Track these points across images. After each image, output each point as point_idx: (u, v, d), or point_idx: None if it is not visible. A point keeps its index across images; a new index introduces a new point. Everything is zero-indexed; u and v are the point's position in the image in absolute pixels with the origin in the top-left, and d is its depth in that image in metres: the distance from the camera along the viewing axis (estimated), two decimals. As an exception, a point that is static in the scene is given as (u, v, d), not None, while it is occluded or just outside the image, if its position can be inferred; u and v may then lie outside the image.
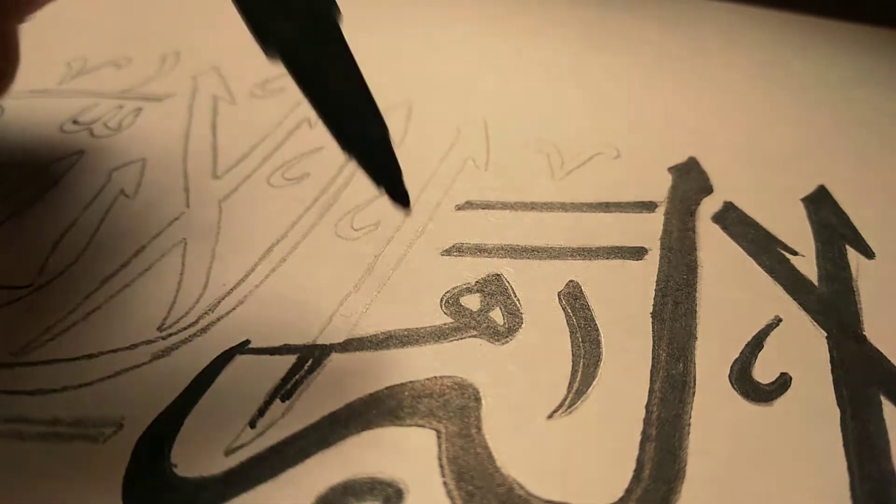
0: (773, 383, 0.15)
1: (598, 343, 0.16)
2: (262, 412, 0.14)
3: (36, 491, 0.13)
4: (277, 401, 0.14)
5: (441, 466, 0.13)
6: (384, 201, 0.20)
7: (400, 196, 0.15)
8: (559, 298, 0.17)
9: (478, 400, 0.15)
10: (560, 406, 0.15)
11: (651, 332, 0.16)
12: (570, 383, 0.15)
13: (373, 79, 0.26)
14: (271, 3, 0.14)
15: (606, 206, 0.20)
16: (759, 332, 0.16)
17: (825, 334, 0.16)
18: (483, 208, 0.20)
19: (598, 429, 0.14)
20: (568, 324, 0.16)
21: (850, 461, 0.14)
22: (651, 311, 0.17)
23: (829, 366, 0.16)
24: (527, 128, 0.23)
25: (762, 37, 0.30)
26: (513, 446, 0.14)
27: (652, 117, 0.24)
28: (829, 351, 0.16)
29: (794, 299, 0.17)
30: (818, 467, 0.14)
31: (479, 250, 0.18)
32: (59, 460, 0.13)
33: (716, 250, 0.19)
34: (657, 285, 0.17)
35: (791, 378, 0.15)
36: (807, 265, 0.18)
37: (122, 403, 0.14)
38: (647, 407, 0.15)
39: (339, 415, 0.14)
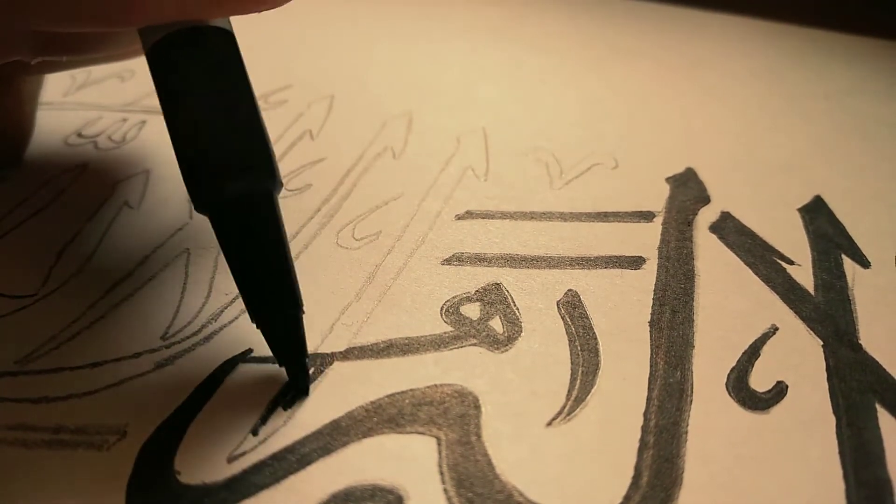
0: (769, 391, 0.15)
1: (596, 351, 0.16)
2: (264, 420, 0.14)
3: (40, 498, 0.13)
4: (279, 409, 0.15)
5: (441, 473, 0.14)
6: (385, 211, 0.20)
7: (300, 380, 0.15)
8: (558, 307, 0.17)
9: (477, 407, 0.15)
10: (559, 414, 0.15)
11: (649, 340, 0.16)
12: (568, 391, 0.15)
13: (374, 89, 0.27)
14: (213, 161, 0.13)
15: (605, 216, 0.20)
16: (755, 340, 0.16)
17: (821, 343, 0.17)
18: (483, 218, 0.20)
19: (596, 436, 0.14)
20: (567, 332, 0.17)
21: (846, 468, 0.14)
22: (649, 319, 0.17)
23: (824, 374, 0.16)
24: (526, 138, 0.24)
25: (758, 48, 0.30)
26: (512, 453, 0.14)
27: (649, 128, 0.24)
28: (825, 359, 0.16)
29: (791, 308, 0.17)
30: (814, 474, 0.14)
31: (479, 259, 0.19)
32: (63, 468, 0.14)
33: (713, 260, 0.19)
34: (655, 294, 0.18)
35: (787, 386, 0.15)
36: (803, 274, 0.18)
37: (126, 411, 0.14)
38: (645, 414, 0.15)
39: (340, 422, 0.14)
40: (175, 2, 0.13)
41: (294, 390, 0.15)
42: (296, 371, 0.15)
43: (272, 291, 0.14)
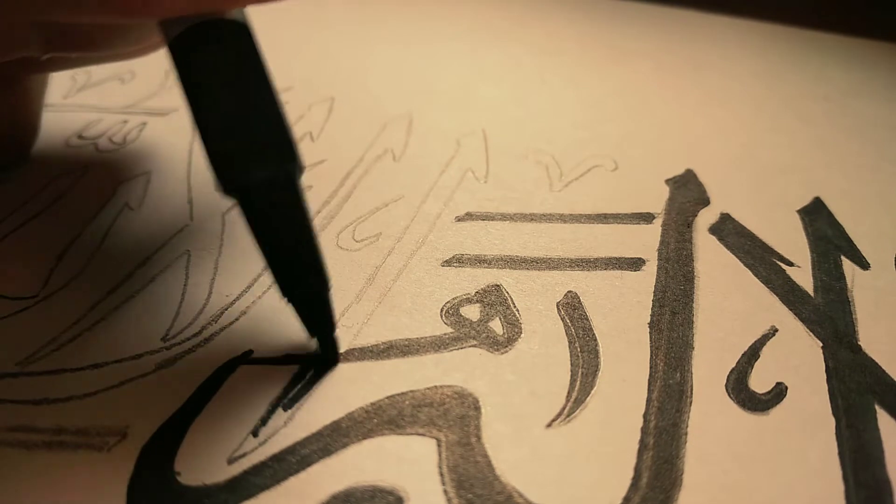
0: (768, 392, 0.15)
1: (596, 353, 0.16)
2: (264, 421, 0.14)
3: (41, 499, 0.13)
4: (279, 410, 0.15)
5: (441, 475, 0.14)
6: (386, 213, 0.20)
7: (330, 352, 0.16)
8: (558, 309, 0.17)
9: (477, 409, 0.15)
10: (559, 415, 0.15)
11: (648, 342, 0.16)
12: (568, 392, 0.15)
13: (374, 91, 0.27)
14: (238, 149, 0.14)
15: (604, 218, 0.20)
16: (755, 342, 0.17)
17: (820, 344, 0.17)
18: (483, 219, 0.20)
19: (596, 437, 0.14)
20: (566, 334, 0.17)
21: (845, 469, 0.14)
22: (648, 321, 0.17)
23: (824, 375, 0.16)
24: (526, 140, 0.24)
25: (758, 50, 0.30)
26: (512, 454, 0.14)
27: (649, 129, 0.25)
28: (825, 360, 0.16)
29: (790, 309, 0.17)
30: (813, 475, 0.14)
31: (479, 261, 0.19)
32: (64, 469, 0.14)
33: (712, 261, 0.19)
34: (654, 296, 0.18)
35: (787, 387, 0.16)
36: (802, 276, 0.18)
37: (127, 412, 0.15)
38: (644, 416, 0.15)
39: (340, 423, 0.14)
40: None
41: (324, 361, 0.16)
42: (325, 343, 0.15)
43: (301, 270, 0.15)
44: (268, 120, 0.14)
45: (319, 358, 0.16)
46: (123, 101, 0.25)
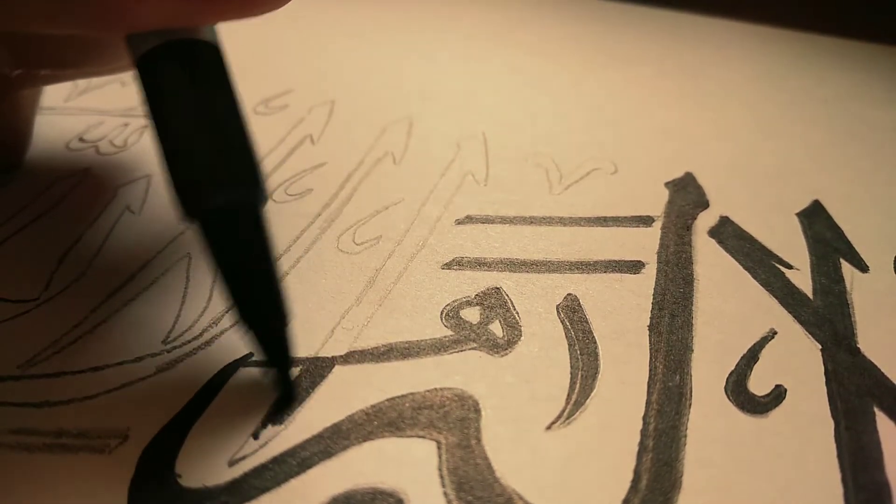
0: (768, 395, 0.15)
1: (595, 355, 0.16)
2: (265, 423, 0.14)
3: (42, 502, 0.13)
4: (280, 412, 0.15)
5: (441, 477, 0.14)
6: (386, 215, 0.20)
7: (283, 388, 0.15)
8: (558, 311, 0.17)
9: (477, 411, 0.15)
10: (558, 417, 0.15)
11: (648, 344, 0.17)
12: (568, 395, 0.15)
13: (374, 94, 0.27)
14: (200, 173, 0.14)
15: (604, 221, 0.20)
16: (754, 344, 0.17)
17: (819, 347, 0.17)
18: (483, 222, 0.20)
19: (595, 440, 0.14)
20: (566, 336, 0.17)
21: (844, 472, 0.14)
22: (648, 324, 0.17)
23: (823, 378, 0.16)
24: (525, 143, 0.24)
25: (757, 53, 0.30)
26: (512, 457, 0.14)
27: (649, 133, 0.25)
28: (824, 363, 0.16)
29: (789, 312, 0.17)
30: (812, 478, 0.14)
31: (479, 264, 0.19)
32: (65, 471, 0.14)
33: (712, 264, 0.19)
34: (654, 299, 0.18)
35: (786, 390, 0.16)
36: (802, 279, 0.18)
37: (128, 415, 0.15)
38: (644, 418, 0.15)
39: (341, 426, 0.14)
40: (167, 7, 0.13)
41: (279, 397, 0.15)
42: (279, 378, 0.15)
43: (258, 303, 0.14)
44: (233, 145, 0.14)
45: (275, 400, 0.15)
46: (124, 104, 0.25)
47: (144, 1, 0.13)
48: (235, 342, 0.16)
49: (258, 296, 0.14)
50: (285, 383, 0.15)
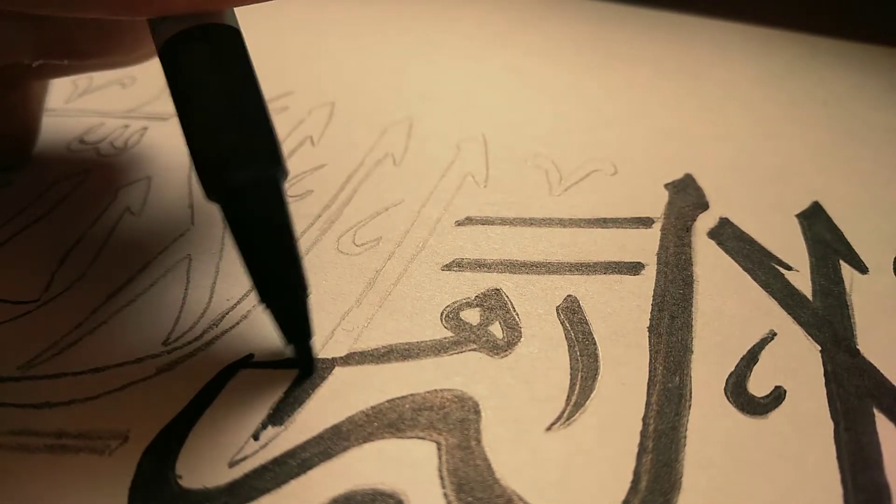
0: (767, 396, 0.15)
1: (595, 356, 0.16)
2: (265, 424, 0.14)
3: (43, 503, 0.13)
4: (280, 413, 0.15)
5: (441, 478, 0.14)
6: (386, 217, 0.20)
7: (305, 360, 0.15)
8: (557, 313, 0.17)
9: (477, 412, 0.15)
10: (558, 418, 0.15)
11: (648, 345, 0.17)
12: (568, 396, 0.15)
13: (374, 96, 0.27)
14: (224, 151, 0.14)
15: (604, 222, 0.20)
16: (753, 345, 0.17)
17: (819, 348, 0.17)
18: (483, 224, 0.20)
19: (595, 441, 0.14)
20: (566, 337, 0.17)
21: (844, 473, 0.14)
22: (648, 325, 0.17)
23: (822, 379, 0.16)
24: (525, 144, 0.24)
25: (757, 54, 0.30)
26: (512, 458, 0.14)
27: (648, 134, 0.25)
28: (823, 364, 0.16)
29: (789, 313, 0.17)
30: (812, 479, 0.14)
31: (479, 265, 0.19)
32: (65, 472, 0.14)
33: (711, 265, 0.19)
34: (654, 300, 0.18)
35: (785, 391, 0.16)
36: (801, 280, 0.18)
37: (128, 416, 0.15)
38: (643, 419, 0.15)
39: (341, 427, 0.14)
40: None
41: (299, 369, 0.15)
42: (301, 351, 0.15)
43: (280, 274, 0.15)
44: (254, 124, 0.14)
45: (297, 366, 0.16)
46: (125, 105, 0.25)
47: None
48: (236, 343, 0.16)
49: (283, 268, 0.15)
50: (307, 355, 0.15)
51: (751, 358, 0.16)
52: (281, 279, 0.15)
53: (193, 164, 0.14)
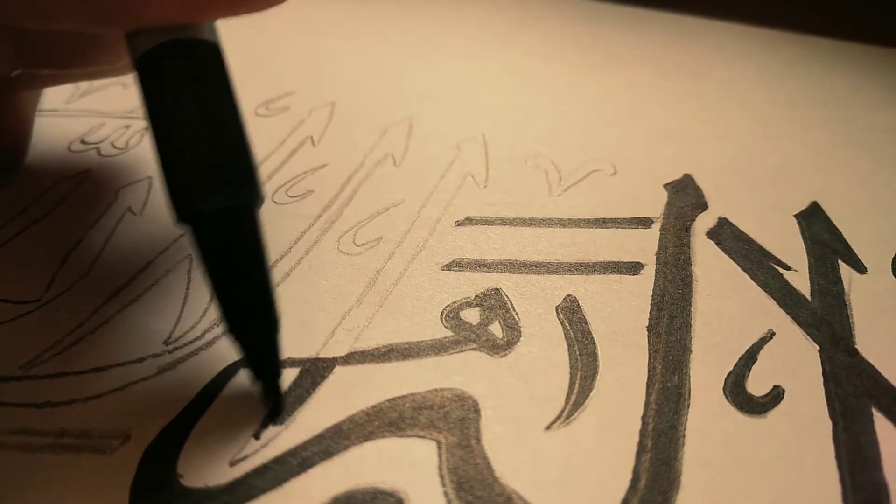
0: (766, 396, 0.15)
1: (595, 356, 0.16)
2: (265, 424, 0.15)
3: (44, 502, 0.13)
4: (280, 413, 0.15)
5: (441, 476, 0.14)
6: (386, 217, 0.20)
7: (273, 399, 0.15)
8: (557, 312, 0.17)
9: (477, 411, 0.15)
10: (558, 417, 0.15)
11: (647, 345, 0.17)
12: (567, 395, 0.15)
13: (375, 96, 0.27)
14: (196, 174, 0.13)
15: (603, 222, 0.20)
16: (752, 345, 0.17)
17: (818, 348, 0.17)
18: (482, 224, 0.20)
19: (595, 440, 0.14)
20: (566, 337, 0.17)
21: (843, 472, 0.14)
22: (647, 324, 0.17)
23: (821, 378, 0.16)
24: (525, 144, 0.24)
25: (756, 55, 0.30)
26: (512, 457, 0.14)
27: (648, 134, 0.25)
28: (822, 364, 0.16)
29: (788, 313, 0.18)
30: (811, 478, 0.14)
31: (479, 265, 0.19)
32: (67, 472, 0.14)
33: (710, 265, 0.19)
34: (653, 300, 0.18)
35: (784, 391, 0.16)
36: (800, 280, 0.19)
37: (130, 415, 0.15)
38: (643, 418, 0.15)
39: (341, 426, 0.15)
40: (168, 3, 0.13)
41: (267, 409, 0.15)
42: (269, 388, 0.15)
43: (250, 307, 0.14)
44: (231, 146, 0.14)
45: (263, 404, 0.15)
46: (125, 105, 0.25)
47: None
48: (236, 343, 0.16)
49: (252, 303, 0.14)
50: (274, 395, 0.15)
51: (749, 357, 0.16)
52: (251, 313, 0.14)
53: (164, 185, 0.14)
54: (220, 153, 0.14)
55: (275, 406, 0.15)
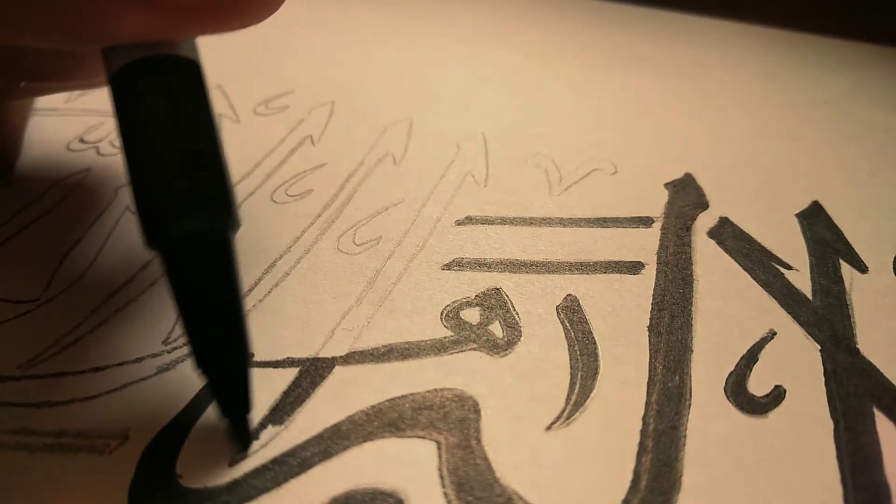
0: (767, 395, 0.15)
1: (595, 356, 0.16)
2: (265, 424, 0.14)
3: (42, 502, 0.13)
4: (280, 413, 0.15)
5: (441, 477, 0.14)
6: (386, 216, 0.20)
7: (240, 437, 0.14)
8: (557, 312, 0.17)
9: (477, 412, 0.15)
10: (558, 418, 0.15)
11: (648, 345, 0.17)
12: (568, 395, 0.15)
13: (375, 95, 0.27)
14: (167, 197, 0.13)
15: (604, 222, 0.20)
16: (753, 345, 0.17)
17: (819, 347, 0.17)
18: (482, 223, 0.20)
19: (595, 440, 0.14)
20: (566, 337, 0.17)
21: (844, 472, 0.14)
22: (648, 324, 0.17)
23: (822, 378, 0.16)
24: (525, 144, 0.24)
25: (757, 54, 0.30)
26: (512, 457, 0.14)
27: (648, 133, 0.25)
28: (823, 363, 0.16)
29: (789, 313, 0.18)
30: (812, 478, 0.14)
31: (479, 265, 0.19)
32: (65, 472, 0.14)
33: (711, 265, 0.19)
34: (654, 299, 0.18)
35: (785, 390, 0.16)
36: (801, 279, 0.19)
37: (128, 416, 0.15)
38: (643, 419, 0.15)
39: (341, 426, 0.14)
40: (143, 20, 0.13)
41: (234, 445, 0.14)
42: (237, 426, 0.14)
43: (220, 339, 0.13)
44: (205, 167, 0.13)
45: (230, 441, 0.14)
46: (125, 105, 0.25)
47: (120, 13, 0.13)
48: (236, 343, 0.16)
49: (222, 335, 0.13)
50: (243, 432, 0.14)
51: (750, 357, 0.16)
52: (220, 345, 0.13)
53: (134, 207, 0.13)
54: (193, 174, 0.13)
55: (242, 444, 0.14)
